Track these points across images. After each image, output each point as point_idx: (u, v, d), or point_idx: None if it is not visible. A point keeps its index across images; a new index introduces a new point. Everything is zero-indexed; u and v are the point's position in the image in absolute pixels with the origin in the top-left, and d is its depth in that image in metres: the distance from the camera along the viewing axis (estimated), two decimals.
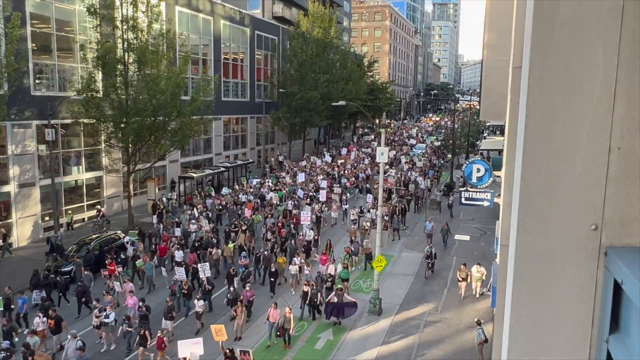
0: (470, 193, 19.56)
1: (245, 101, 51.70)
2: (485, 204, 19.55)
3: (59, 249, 25.24)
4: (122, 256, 24.11)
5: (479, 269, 21.85)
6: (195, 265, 21.87)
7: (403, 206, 33.32)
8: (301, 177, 40.28)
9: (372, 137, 74.59)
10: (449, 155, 52.46)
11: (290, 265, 22.71)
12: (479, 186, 19.25)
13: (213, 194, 36.24)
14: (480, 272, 21.80)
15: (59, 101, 27.87)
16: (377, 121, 74.00)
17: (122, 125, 27.88)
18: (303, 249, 25.08)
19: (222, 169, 41.83)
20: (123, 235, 26.90)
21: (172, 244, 25.05)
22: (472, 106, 72.56)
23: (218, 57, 45.71)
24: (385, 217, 27.71)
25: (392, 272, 24.80)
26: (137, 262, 22.71)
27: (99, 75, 28.66)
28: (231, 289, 19.68)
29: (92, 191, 33.47)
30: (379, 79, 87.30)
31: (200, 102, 30.93)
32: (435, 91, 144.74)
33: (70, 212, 30.53)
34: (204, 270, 20.47)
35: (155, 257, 23.93)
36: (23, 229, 28.25)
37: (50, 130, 25.84)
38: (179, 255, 23.52)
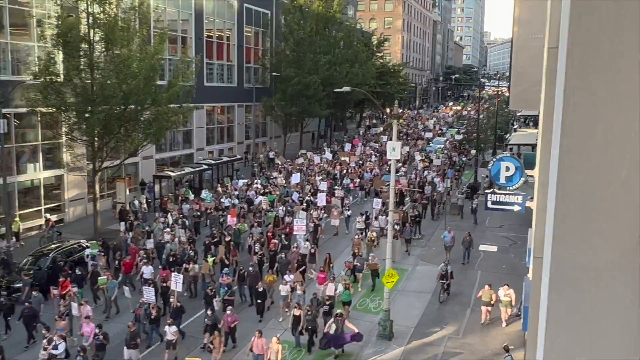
0: (498, 196, 19.57)
1: (232, 87, 51.73)
2: (516, 208, 19.55)
3: (5, 263, 25.16)
4: (78, 272, 23.46)
5: (507, 291, 21.02)
6: (166, 284, 21.64)
7: (417, 212, 32.98)
8: (296, 178, 39.78)
9: (381, 129, 74.43)
10: (473, 151, 52.46)
11: (281, 285, 22.04)
12: (508, 188, 19.26)
13: (191, 197, 35.95)
14: (509, 295, 20.98)
15: (12, 87, 27.85)
16: (388, 110, 73.93)
17: (87, 115, 27.87)
18: (296, 264, 24.68)
19: (205, 166, 41.84)
20: (87, 245, 26.87)
21: (139, 258, 24.63)
22: (500, 93, 72.53)
23: (200, 34, 45.73)
24: (395, 226, 27.56)
25: (405, 289, 24.78)
26: (99, 280, 22.25)
27: (59, 56, 28.62)
28: (209, 312, 19.26)
29: (51, 193, 33.45)
30: (390, 60, 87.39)
31: (178, 87, 30.94)
32: (457, 75, 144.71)
33: (17, 219, 30.10)
34: (177, 283, 20.21)
35: (121, 274, 23.58)
36: None
37: (2, 120, 25.83)
38: (147, 271, 23.08)
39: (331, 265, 24.49)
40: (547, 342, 2.90)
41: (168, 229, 28.12)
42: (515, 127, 66.97)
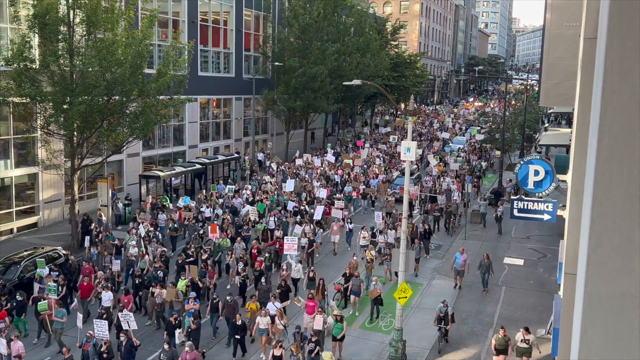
0: (525, 203, 19.52)
1: (229, 77, 51.83)
2: (545, 217, 19.50)
3: None
4: (19, 297, 21.65)
5: (527, 336, 18.94)
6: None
7: (428, 226, 31.35)
8: (290, 185, 37.93)
9: (389, 129, 73.36)
10: (497, 152, 52.36)
11: (260, 317, 20.23)
12: (537, 194, 19.19)
13: (171, 205, 34.95)
14: (529, 341, 18.89)
15: None
16: (403, 106, 73.94)
17: (65, 107, 27.91)
18: (279, 291, 22.84)
19: (198, 166, 41.88)
20: (65, 252, 26.92)
21: (98, 280, 23.09)
22: (529, 87, 72.53)
23: (194, 17, 45.85)
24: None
25: (420, 306, 24.73)
26: (39, 305, 20.58)
27: (35, 40, 28.71)
28: (165, 346, 18.24)
29: (23, 193, 33.54)
30: (406, 50, 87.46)
31: (169, 77, 30.98)
32: (481, 67, 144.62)
33: None
34: (128, 322, 18.91)
35: (76, 299, 22.59)
36: None
37: None
38: (106, 298, 21.52)
39: (325, 292, 23.27)
40: None
41: (134, 243, 26.94)
42: (546, 125, 66.94)
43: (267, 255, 26.80)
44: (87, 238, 27.94)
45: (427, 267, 29.08)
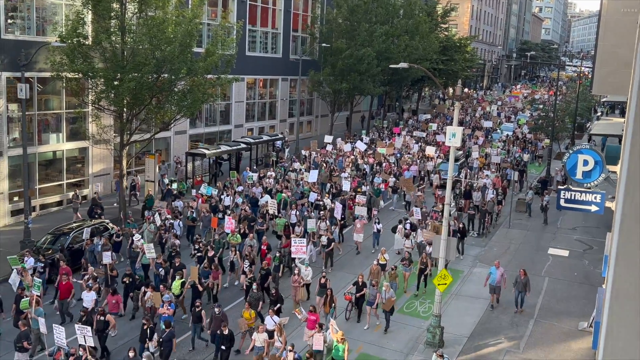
0: (573, 193, 19.19)
1: (276, 58, 51.98)
2: (593, 208, 19.15)
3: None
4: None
5: None
6: (104, 318, 18.74)
7: (462, 225, 29.08)
8: (313, 176, 35.52)
9: (429, 115, 70.61)
10: (546, 141, 51.35)
11: (256, 333, 18.26)
12: (585, 184, 18.84)
13: (194, 192, 33.80)
14: None
15: (37, 48, 28.63)
16: (451, 91, 73.00)
17: (116, 83, 28.41)
18: (270, 300, 20.96)
19: (243, 145, 42.24)
20: (112, 226, 27.59)
21: (87, 277, 21.41)
22: (582, 74, 70.75)
23: None
24: (429, 247, 25.17)
25: (459, 293, 24.63)
26: (21, 302, 19.20)
27: (88, 17, 29.27)
28: (130, 353, 16.44)
29: (74, 166, 34.45)
30: (456, 33, 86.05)
31: (217, 56, 31.20)
32: (533, 52, 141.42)
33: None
34: (85, 336, 16.75)
35: (56, 300, 21.29)
36: None
37: (24, 85, 26.46)
38: (88, 298, 19.97)
39: (333, 304, 20.70)
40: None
41: (139, 236, 25.17)
42: (599, 114, 65.29)
43: (277, 255, 24.27)
44: (87, 230, 25.97)
45: (468, 255, 28.87)
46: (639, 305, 2.66)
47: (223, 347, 18.06)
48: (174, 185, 34.05)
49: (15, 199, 30.67)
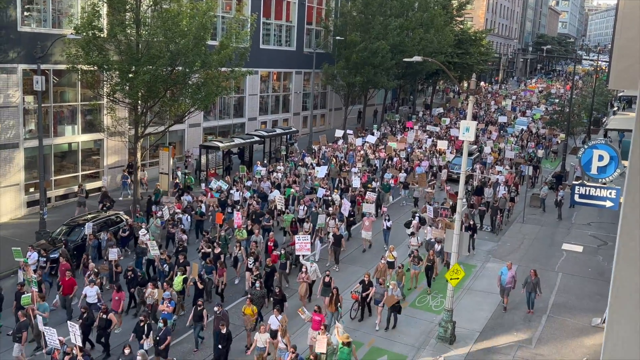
0: (588, 188, 19.05)
1: (290, 51, 51.98)
2: (608, 204, 18.99)
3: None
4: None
5: None
6: (107, 316, 18.43)
7: (472, 222, 28.89)
8: (322, 171, 34.94)
9: (441, 109, 70.05)
10: (562, 135, 50.99)
11: (258, 333, 17.79)
12: (600, 180, 18.71)
13: (203, 186, 33.62)
14: None
15: (52, 41, 28.82)
16: (466, 84, 72.56)
17: (131, 75, 28.62)
18: (273, 299, 20.36)
19: (257, 138, 42.34)
20: (126, 217, 27.80)
21: (89, 273, 21.28)
22: (599, 69, 70.05)
23: None
24: (437, 245, 24.97)
25: (472, 288, 24.60)
26: (22, 298, 18.84)
27: (104, 10, 29.46)
28: (126, 350, 16.37)
29: (89, 158, 34.71)
30: (472, 26, 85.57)
31: (231, 49, 31.28)
32: (550, 46, 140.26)
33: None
34: (74, 334, 16.24)
35: (57, 296, 21.04)
36: (2, 201, 29.72)
37: (40, 77, 26.65)
38: (91, 293, 19.76)
39: (339, 304, 20.04)
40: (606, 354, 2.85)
41: (144, 231, 24.98)
42: (615, 108, 64.74)
43: (282, 251, 23.66)
44: (88, 225, 25.34)
45: (481, 250, 28.77)
46: (639, 302, 2.68)
47: (220, 347, 17.69)
48: (191, 178, 34.20)
49: (31, 190, 30.99)
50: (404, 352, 19.47)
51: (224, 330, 17.58)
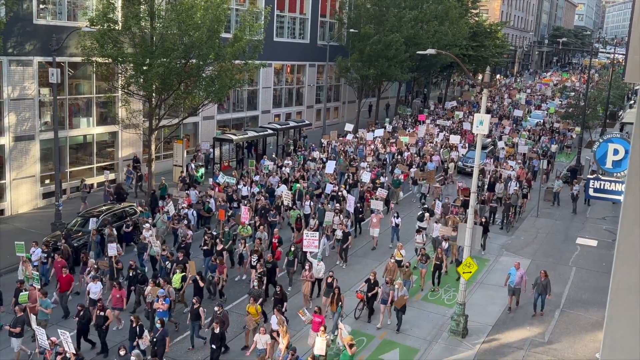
0: (603, 182, 18.94)
1: (304, 43, 51.93)
2: (622, 198, 18.89)
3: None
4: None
5: None
6: (104, 313, 18.04)
7: (484, 219, 28.08)
8: (330, 167, 34.77)
9: (454, 103, 69.39)
10: (577, 129, 50.63)
11: (259, 334, 17.31)
12: (615, 174, 18.60)
13: (212, 180, 32.84)
14: None
15: (68, 33, 29.02)
16: (480, 77, 72.15)
17: (145, 68, 28.76)
18: (275, 297, 19.70)
19: (270, 131, 42.39)
20: (141, 209, 27.94)
21: (89, 269, 20.97)
22: (615, 62, 69.40)
23: None
24: (444, 243, 24.36)
25: (484, 282, 24.55)
26: (20, 296, 18.62)
27: (118, 2, 29.61)
28: (121, 352, 15.91)
29: (104, 150, 34.96)
30: (487, 19, 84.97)
31: (245, 42, 31.30)
32: (566, 39, 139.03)
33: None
34: (66, 342, 15.76)
35: (55, 293, 20.36)
36: (18, 192, 30.05)
37: (55, 70, 26.81)
38: (95, 290, 19.35)
39: (340, 304, 19.45)
40: (605, 350, 2.87)
41: (148, 225, 24.55)
42: (632, 102, 64.18)
43: (291, 249, 23.13)
44: (92, 220, 25.17)
45: (494, 244, 28.65)
46: (639, 299, 2.70)
47: (213, 347, 17.29)
48: (200, 172, 34.12)
49: (47, 181, 31.27)
50: (415, 346, 19.49)
51: (216, 330, 17.24)
